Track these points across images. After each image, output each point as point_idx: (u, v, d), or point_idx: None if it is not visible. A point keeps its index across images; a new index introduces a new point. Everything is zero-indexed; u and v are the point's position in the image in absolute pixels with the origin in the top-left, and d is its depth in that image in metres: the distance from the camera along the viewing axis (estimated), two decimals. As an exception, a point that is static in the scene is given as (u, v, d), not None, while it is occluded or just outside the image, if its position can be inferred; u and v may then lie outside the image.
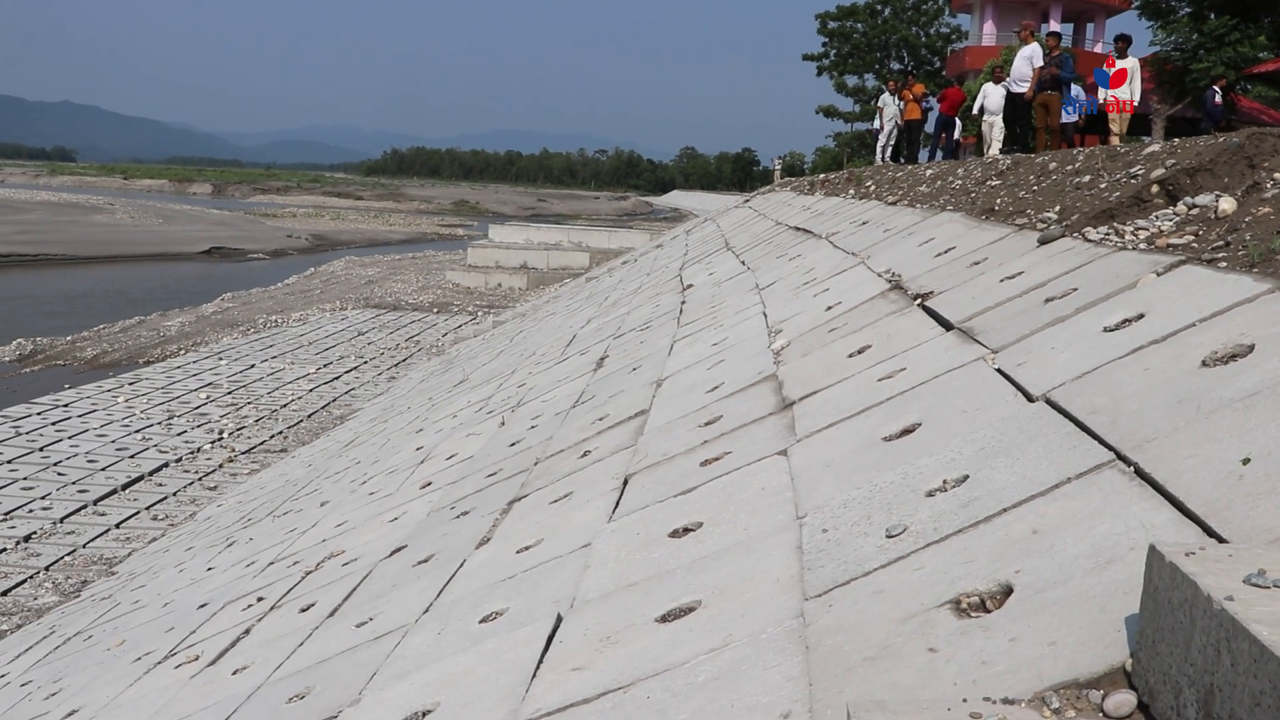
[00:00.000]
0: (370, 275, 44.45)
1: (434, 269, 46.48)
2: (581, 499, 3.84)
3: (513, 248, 42.73)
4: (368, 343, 26.54)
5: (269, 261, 54.11)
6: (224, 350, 25.35)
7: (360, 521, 5.82)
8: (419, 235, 78.68)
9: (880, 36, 60.16)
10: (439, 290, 38.72)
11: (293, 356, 24.25)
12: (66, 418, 17.91)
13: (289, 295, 37.72)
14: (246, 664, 3.96)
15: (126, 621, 6.93)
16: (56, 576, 11.38)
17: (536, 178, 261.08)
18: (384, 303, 34.82)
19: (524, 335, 15.12)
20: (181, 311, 33.18)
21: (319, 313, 32.51)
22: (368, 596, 4.04)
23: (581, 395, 6.18)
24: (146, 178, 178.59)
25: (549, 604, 2.81)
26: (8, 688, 6.62)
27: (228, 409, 18.99)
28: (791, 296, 6.32)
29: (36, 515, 13.14)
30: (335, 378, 21.92)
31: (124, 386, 20.63)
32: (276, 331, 28.66)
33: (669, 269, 13.77)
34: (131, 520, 13.11)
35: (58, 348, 26.99)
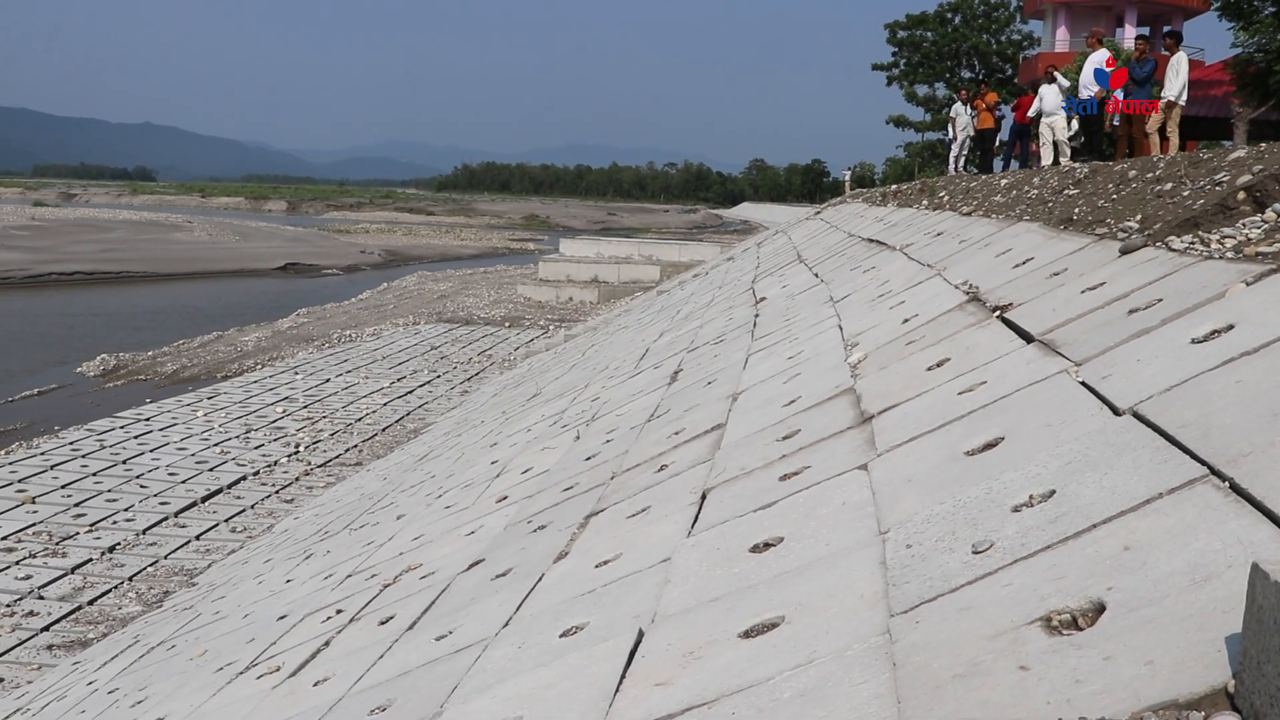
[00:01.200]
0: (442, 290, 44.83)
1: (505, 283, 46.77)
2: (660, 513, 3.84)
3: (583, 261, 42.87)
4: (440, 357, 26.76)
5: (343, 277, 54.78)
6: (299, 365, 25.69)
7: (437, 535, 5.86)
8: (490, 250, 79.28)
9: (950, 45, 59.59)
10: (510, 304, 38.95)
11: (367, 371, 24.52)
12: (148, 431, 18.24)
13: (363, 310, 38.15)
14: (328, 675, 4.00)
15: (208, 632, 7.03)
16: (140, 587, 11.58)
17: (606, 191, 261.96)
18: (456, 317, 35.10)
19: (596, 349, 15.16)
20: (258, 327, 33.69)
21: (392, 327, 32.84)
22: (446, 610, 4.06)
23: (656, 409, 6.18)
24: (224, 196, 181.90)
25: (630, 618, 2.81)
26: (96, 694, 6.75)
27: (303, 423, 19.24)
28: (867, 309, 6.28)
29: (120, 526, 13.39)
30: (409, 391, 22.12)
31: (203, 401, 20.99)
32: (351, 346, 29.00)
33: (741, 282, 13.75)
34: (211, 532, 13.32)
35: (139, 363, 27.52)
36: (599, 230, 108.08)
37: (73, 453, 16.82)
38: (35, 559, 12.29)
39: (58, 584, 11.64)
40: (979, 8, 60.23)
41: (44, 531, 13.19)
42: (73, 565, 12.15)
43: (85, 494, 14.69)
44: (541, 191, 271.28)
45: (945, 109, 40.27)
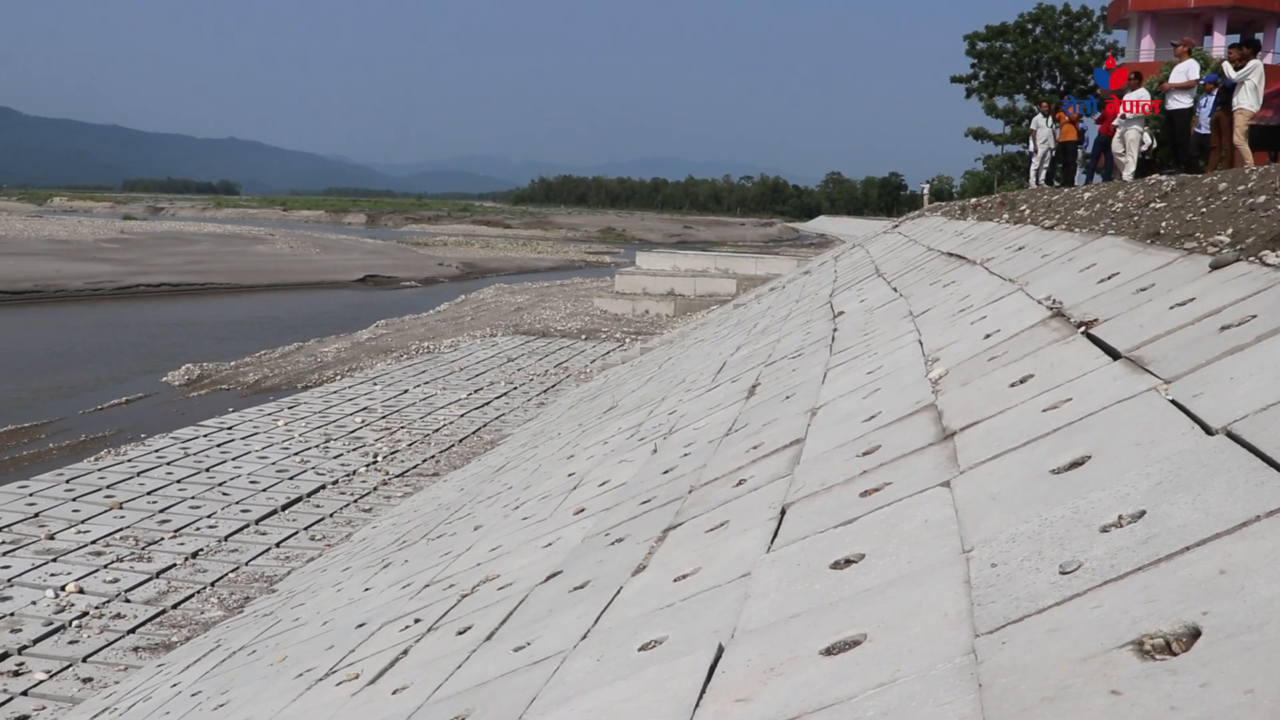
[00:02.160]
0: (519, 302, 45.15)
1: (582, 296, 46.99)
2: (738, 528, 3.83)
3: (660, 275, 42.94)
4: (517, 369, 26.93)
5: (421, 289, 55.39)
6: (378, 376, 25.99)
7: (514, 546, 5.89)
8: (567, 263, 79.74)
9: (1031, 56, 58.82)
10: (587, 317, 39.12)
11: (444, 382, 24.75)
12: (230, 440, 18.55)
13: (441, 322, 38.52)
14: (406, 684, 4.02)
15: (287, 638, 7.11)
16: (221, 592, 11.77)
17: (682, 204, 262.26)
18: (533, 329, 35.32)
19: (672, 362, 15.16)
20: (338, 338, 34.15)
21: (470, 339, 33.12)
22: (524, 621, 4.07)
23: (734, 423, 6.17)
24: (305, 209, 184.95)
25: (709, 633, 2.80)
26: (179, 696, 6.86)
27: (382, 433, 19.45)
28: (947, 324, 6.22)
29: (203, 533, 13.62)
30: (486, 403, 22.28)
31: (284, 410, 21.30)
32: (429, 358, 29.29)
33: (818, 295, 13.69)
34: (290, 540, 13.50)
35: (222, 372, 28.00)
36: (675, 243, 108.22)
37: (158, 460, 17.17)
38: (122, 563, 12.55)
39: (143, 588, 11.87)
40: (1060, 18, 59.43)
41: (131, 536, 13.46)
42: (158, 570, 12.39)
43: (170, 500, 14.98)
44: (618, 205, 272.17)
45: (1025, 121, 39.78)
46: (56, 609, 11.21)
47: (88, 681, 9.56)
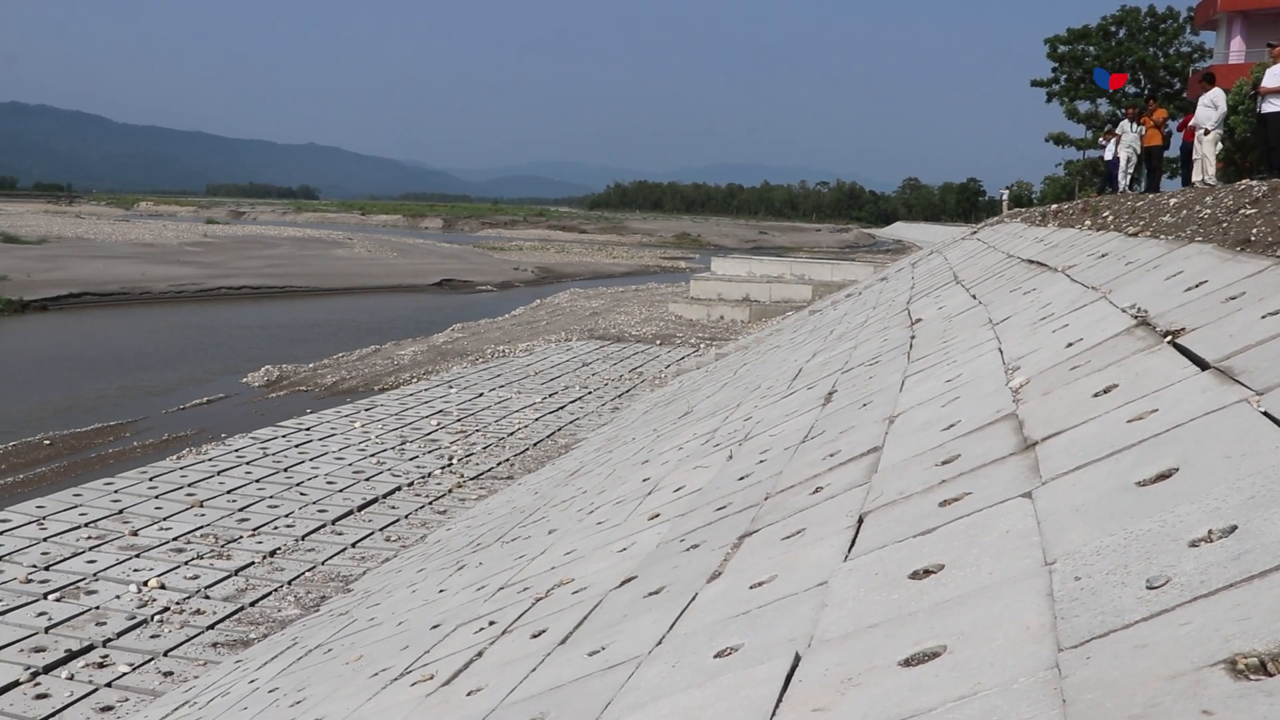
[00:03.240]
0: (594, 307, 45.28)
1: (656, 301, 47.03)
2: (814, 536, 3.80)
3: (734, 280, 42.84)
4: (592, 373, 27.00)
5: (496, 293, 55.77)
6: (454, 379, 26.20)
7: (589, 550, 5.89)
8: (641, 268, 79.83)
9: (1115, 59, 57.77)
10: (661, 322, 39.14)
11: (519, 386, 24.87)
12: (308, 441, 18.79)
13: (516, 326, 38.75)
14: (481, 686, 4.04)
15: (363, 638, 7.18)
16: (298, 591, 11.92)
17: (757, 210, 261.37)
18: (608, 334, 35.40)
19: (747, 368, 15.10)
20: (414, 341, 34.48)
21: (544, 343, 33.28)
22: (599, 625, 4.07)
23: (810, 430, 6.13)
24: (382, 213, 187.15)
25: (785, 641, 2.78)
26: (257, 693, 6.95)
27: (457, 436, 19.59)
28: (1028, 332, 6.13)
29: (281, 532, 13.81)
30: (560, 407, 22.36)
31: (360, 412, 21.54)
32: (504, 361, 29.46)
33: (895, 302, 13.57)
34: (366, 540, 13.65)
35: (301, 374, 28.39)
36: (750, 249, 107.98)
37: (238, 459, 17.45)
38: (202, 560, 12.76)
39: (222, 585, 12.07)
40: (1145, 20, 58.33)
41: (210, 534, 13.70)
42: (236, 568, 12.59)
43: (249, 499, 15.21)
44: (693, 210, 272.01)
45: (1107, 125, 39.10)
46: (139, 604, 11.43)
47: (168, 675, 9.73)
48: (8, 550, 12.95)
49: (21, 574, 12.16)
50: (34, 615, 11.01)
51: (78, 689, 9.41)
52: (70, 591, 11.73)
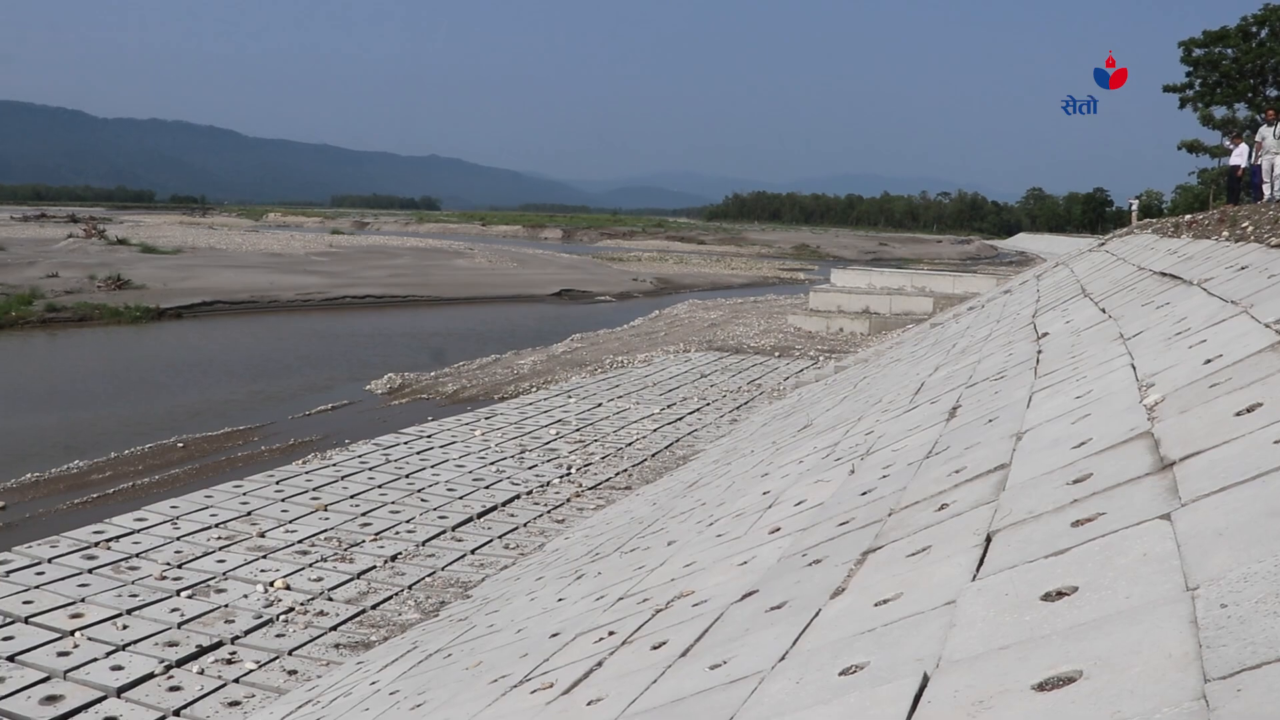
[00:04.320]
0: (712, 318, 45.23)
1: (775, 313, 46.83)
2: (941, 554, 3.73)
3: (854, 292, 42.45)
4: (710, 385, 26.96)
5: (615, 304, 56.03)
6: (573, 389, 26.35)
7: (709, 563, 5.87)
8: (760, 279, 79.56)
9: (1254, 62, 55.78)
10: (780, 334, 38.95)
11: (637, 396, 24.93)
12: (429, 448, 19.06)
13: (634, 337, 38.85)
14: (600, 696, 4.04)
15: (482, 644, 7.24)
16: (418, 595, 12.08)
17: (877, 221, 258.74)
18: (726, 345, 35.33)
19: (868, 381, 14.95)
20: (533, 351, 34.76)
21: (663, 354, 33.32)
22: (720, 639, 4.05)
23: (934, 446, 6.03)
24: (502, 224, 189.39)
25: (912, 661, 2.73)
26: (378, 694, 7.06)
27: (576, 445, 19.69)
28: (1162, 348, 5.96)
29: (402, 537, 14.01)
30: (678, 418, 22.36)
31: (480, 420, 21.78)
32: (622, 372, 29.56)
33: (1020, 316, 13.31)
34: (485, 548, 13.78)
35: (423, 382, 28.81)
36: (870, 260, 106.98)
37: (361, 465, 17.78)
38: (326, 563, 13.02)
39: (345, 587, 12.29)
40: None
41: (334, 538, 13.96)
42: (359, 571, 12.81)
43: (371, 505, 15.48)
44: (812, 221, 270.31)
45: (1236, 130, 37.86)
46: (265, 603, 11.70)
47: (293, 674, 9.94)
48: (144, 548, 13.38)
49: (157, 571, 12.56)
50: (168, 611, 11.35)
51: (207, 683, 9.67)
52: (201, 589, 12.07)
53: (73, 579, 12.27)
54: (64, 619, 11.07)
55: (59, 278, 51.68)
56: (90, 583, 12.17)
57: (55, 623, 10.96)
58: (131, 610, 11.36)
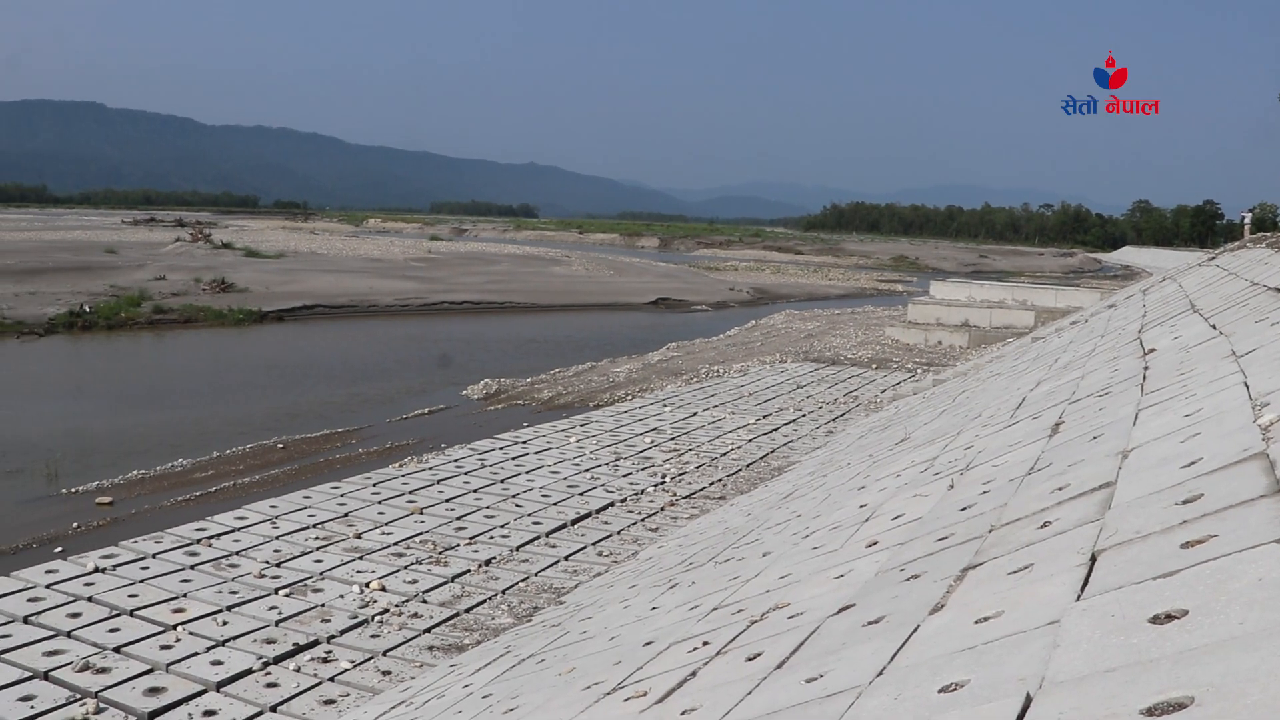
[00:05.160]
0: (809, 329, 45.02)
1: (873, 324, 46.48)
2: (1043, 572, 3.67)
3: (954, 305, 41.92)
4: (806, 396, 26.82)
5: (711, 313, 56.03)
6: (668, 397, 26.38)
7: (804, 575, 5.83)
8: (858, 290, 79.01)
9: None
10: (878, 346, 38.63)
11: (733, 406, 24.89)
12: (524, 453, 19.21)
13: (730, 346, 38.81)
14: (695, 706, 4.03)
15: (575, 650, 7.27)
16: (511, 600, 12.16)
17: (977, 233, 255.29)
18: (822, 357, 35.12)
19: (967, 395, 14.74)
20: (629, 359, 34.88)
21: (759, 364, 33.24)
22: (816, 652, 4.02)
23: (1036, 462, 5.93)
24: (599, 232, 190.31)
25: (1014, 680, 2.69)
26: (471, 697, 7.11)
27: (670, 454, 19.71)
28: (1277, 366, 5.79)
29: (496, 542, 14.14)
30: (774, 429, 22.28)
31: (575, 427, 21.91)
32: (718, 381, 29.54)
33: (1126, 331, 13.04)
34: (579, 554, 13.84)
35: (518, 388, 29.06)
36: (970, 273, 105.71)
37: (456, 469, 17.97)
38: (421, 565, 13.18)
39: (439, 590, 12.43)
40: None
41: (429, 541, 14.13)
42: (453, 574, 12.95)
43: (466, 509, 15.64)
44: (910, 232, 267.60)
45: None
46: (361, 604, 11.87)
47: (386, 674, 10.06)
48: (244, 546, 13.66)
49: (256, 569, 12.81)
50: (266, 609, 11.57)
51: (303, 681, 9.83)
52: (299, 588, 12.28)
53: (175, 574, 12.58)
54: (167, 613, 11.35)
55: (166, 280, 53.14)
56: (192, 579, 12.46)
57: (159, 616, 11.25)
58: (231, 607, 11.61)
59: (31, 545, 14.97)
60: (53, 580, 12.27)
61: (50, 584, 12.14)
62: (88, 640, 10.57)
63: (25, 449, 21.02)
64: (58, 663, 9.97)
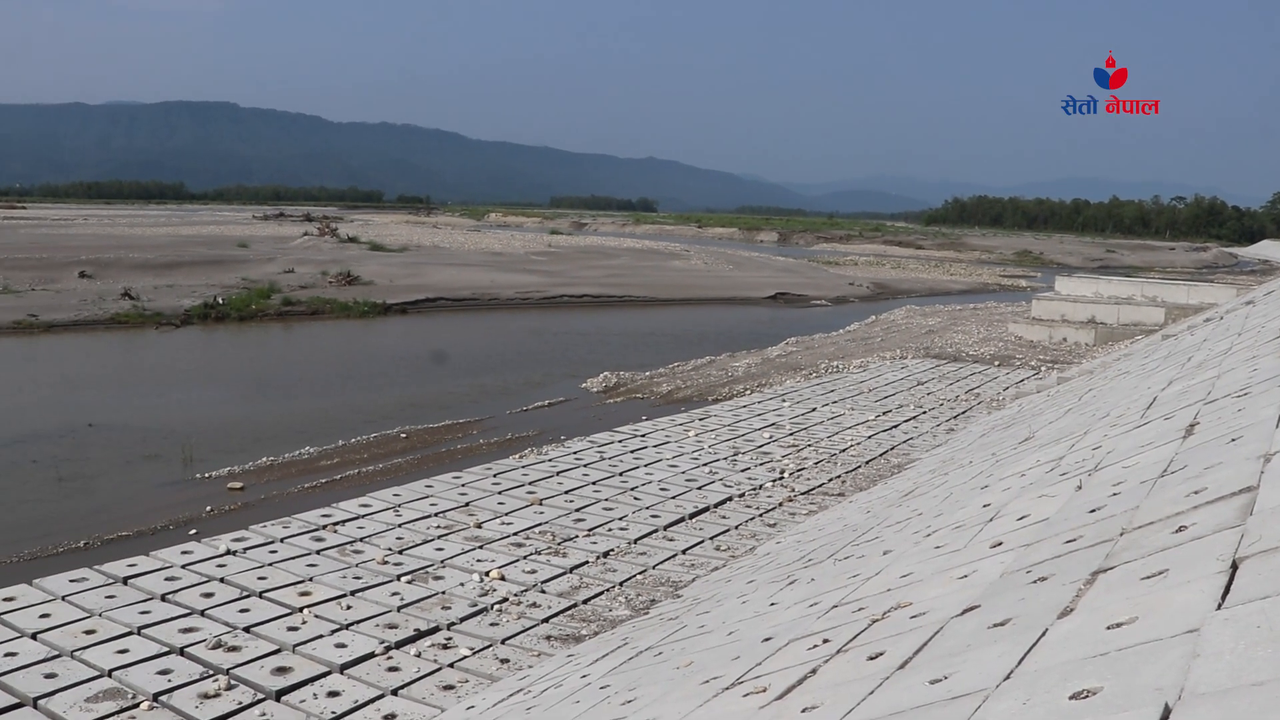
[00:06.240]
0: (930, 325, 44.43)
1: (995, 320, 45.69)
2: (1179, 578, 3.55)
3: (1080, 301, 40.95)
4: (926, 393, 26.48)
5: (831, 308, 55.61)
6: (787, 393, 26.26)
7: (926, 575, 5.75)
8: (980, 285, 77.71)
9: None
10: (1000, 342, 37.96)
11: (852, 402, 24.67)
12: (643, 447, 19.25)
13: (850, 342, 38.47)
14: (815, 704, 3.99)
15: (693, 644, 7.25)
16: (629, 593, 12.19)
17: (1105, 227, 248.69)
18: (944, 353, 34.62)
19: (1093, 394, 14.40)
20: (748, 353, 34.78)
21: (879, 360, 32.90)
22: (940, 653, 3.95)
23: (1170, 464, 5.76)
24: (718, 226, 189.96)
25: (1151, 690, 2.60)
26: (589, 688, 7.15)
27: (789, 449, 19.60)
28: None
29: (615, 534, 14.19)
30: (894, 425, 22.03)
31: (694, 421, 21.90)
32: (837, 377, 29.30)
33: (1265, 329, 12.60)
34: (696, 548, 13.82)
35: (637, 381, 29.14)
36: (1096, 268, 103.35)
37: (576, 461, 18.09)
38: (540, 556, 13.29)
39: (557, 581, 12.51)
40: None
41: (548, 531, 14.23)
42: (571, 565, 13.03)
43: (585, 501, 15.73)
44: (1035, 226, 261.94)
45: None
46: (481, 592, 12.02)
47: (505, 662, 10.16)
48: (368, 533, 13.93)
49: (379, 555, 13.05)
50: (389, 594, 11.78)
51: (424, 666, 9.98)
52: (420, 576, 12.47)
53: (302, 558, 12.88)
54: (294, 596, 11.63)
55: (294, 273, 54.48)
56: (318, 563, 12.75)
57: (286, 599, 11.53)
58: (355, 591, 11.84)
59: (169, 527, 15.47)
60: (188, 561, 12.67)
61: (185, 564, 12.55)
62: (220, 619, 10.90)
63: (164, 434, 21.73)
64: (192, 640, 10.30)
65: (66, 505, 16.89)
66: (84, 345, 35.88)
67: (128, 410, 24.57)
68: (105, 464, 19.65)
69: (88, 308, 40.66)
